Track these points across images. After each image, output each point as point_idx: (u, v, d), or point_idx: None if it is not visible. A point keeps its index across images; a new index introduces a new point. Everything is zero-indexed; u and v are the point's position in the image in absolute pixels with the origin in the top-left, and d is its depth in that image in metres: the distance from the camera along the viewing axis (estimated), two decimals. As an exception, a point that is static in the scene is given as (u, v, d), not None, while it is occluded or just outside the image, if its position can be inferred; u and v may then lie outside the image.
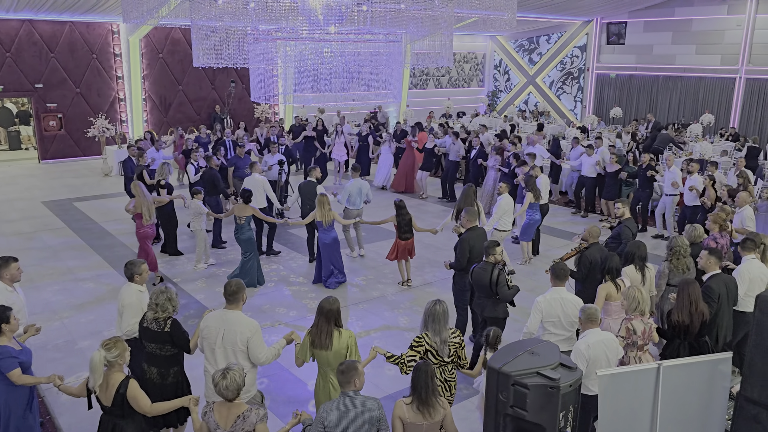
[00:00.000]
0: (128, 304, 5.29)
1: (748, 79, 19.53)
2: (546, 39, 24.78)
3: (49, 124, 17.85)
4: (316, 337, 4.62)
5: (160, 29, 18.77)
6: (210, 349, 4.64)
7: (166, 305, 4.73)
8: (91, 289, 8.90)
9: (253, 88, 8.85)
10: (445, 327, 4.73)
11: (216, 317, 4.69)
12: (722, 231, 7.57)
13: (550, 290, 5.53)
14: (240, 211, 8.85)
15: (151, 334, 4.76)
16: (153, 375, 4.80)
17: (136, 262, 5.50)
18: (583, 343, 4.70)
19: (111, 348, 4.09)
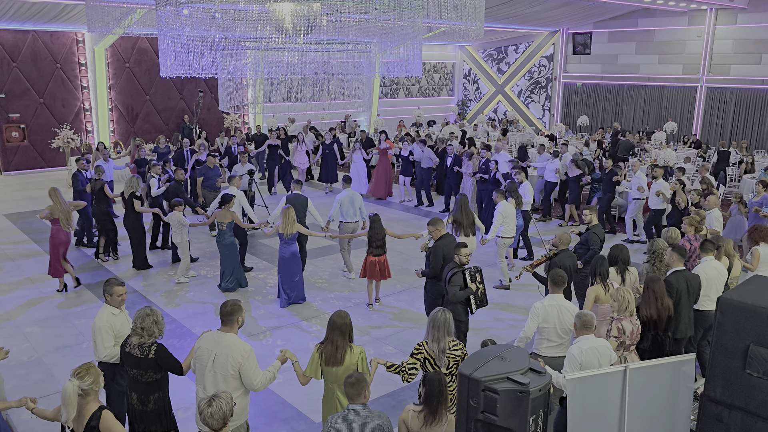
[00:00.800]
0: (98, 329, 4.95)
1: (708, 88, 20.11)
2: (514, 49, 25.17)
3: (11, 134, 17.42)
4: (330, 354, 4.46)
5: (127, 38, 18.52)
6: (201, 372, 4.42)
7: (152, 329, 4.45)
8: (55, 302, 8.68)
9: (221, 98, 8.77)
10: (444, 336, 4.63)
11: (209, 339, 4.45)
12: (697, 233, 7.90)
13: (548, 297, 5.60)
14: (221, 218, 8.82)
15: (133, 360, 4.49)
16: (134, 401, 4.59)
17: (111, 281, 5.13)
18: (576, 348, 4.75)
19: (84, 376, 3.78)
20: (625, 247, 6.66)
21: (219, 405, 3.54)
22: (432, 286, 7.08)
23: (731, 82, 19.55)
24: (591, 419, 4.05)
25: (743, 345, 3.89)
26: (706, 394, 4.12)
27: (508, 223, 9.42)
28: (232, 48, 8.11)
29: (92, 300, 8.81)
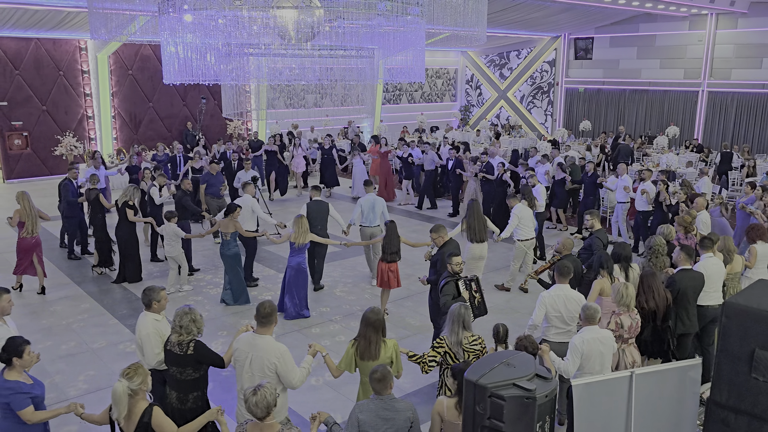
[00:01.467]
0: (146, 335, 4.98)
1: (710, 93, 20.12)
2: (516, 54, 25.22)
3: (14, 142, 17.47)
4: (364, 349, 4.64)
5: (130, 46, 18.60)
6: (239, 372, 4.56)
7: (190, 327, 4.54)
8: (59, 311, 8.68)
9: (224, 105, 8.80)
10: (460, 330, 4.81)
11: (245, 341, 4.54)
12: (688, 233, 8.10)
13: (555, 287, 5.85)
14: (225, 227, 8.58)
15: (173, 357, 4.59)
16: (172, 399, 4.63)
17: (154, 288, 5.12)
18: (578, 338, 4.98)
19: (132, 376, 3.90)
20: (627, 245, 6.82)
21: (264, 394, 3.66)
22: (438, 293, 7.02)
23: (732, 87, 19.56)
24: (597, 425, 4.04)
25: (749, 349, 3.88)
26: (712, 398, 4.11)
27: (525, 224, 9.40)
28: (235, 55, 8.14)
29: (95, 308, 8.81)
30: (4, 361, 4.23)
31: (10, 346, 4.23)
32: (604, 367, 5.02)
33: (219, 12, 7.20)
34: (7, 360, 4.21)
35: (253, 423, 3.76)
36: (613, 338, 5.15)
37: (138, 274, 9.77)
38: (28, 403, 4.17)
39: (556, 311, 5.70)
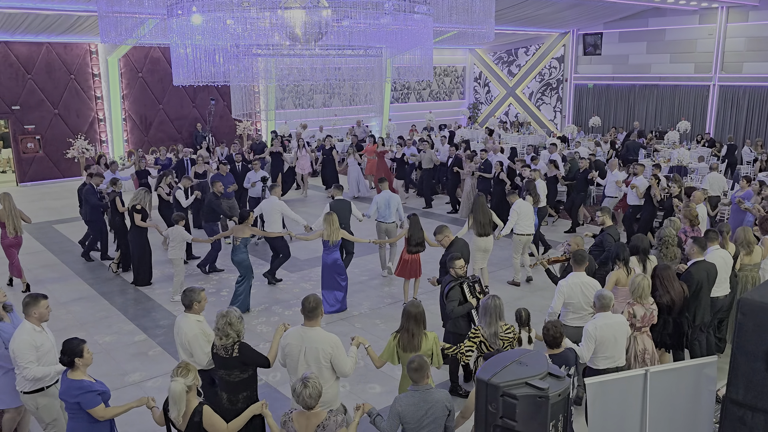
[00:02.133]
0: (193, 337, 4.99)
1: (721, 87, 19.93)
2: (524, 51, 25.11)
3: (27, 146, 17.63)
4: (406, 341, 4.80)
5: (139, 48, 18.70)
6: (293, 366, 4.66)
7: (226, 330, 4.53)
8: (74, 312, 8.75)
9: (234, 105, 8.82)
10: (496, 321, 5.06)
11: (295, 335, 4.66)
12: (693, 226, 8.32)
13: (571, 275, 6.10)
14: (239, 232, 8.44)
15: (219, 360, 4.63)
16: (223, 400, 4.65)
17: (195, 289, 5.13)
18: (591, 324, 5.20)
19: (186, 373, 3.98)
20: (645, 237, 6.98)
21: (314, 384, 3.83)
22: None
23: (744, 80, 19.36)
24: (612, 423, 4.01)
25: (765, 346, 3.83)
26: (729, 396, 4.07)
27: (524, 220, 9.48)
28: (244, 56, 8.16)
29: (109, 309, 8.87)
30: (66, 364, 4.27)
31: (70, 347, 4.26)
32: (618, 352, 5.26)
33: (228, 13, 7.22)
34: (69, 362, 4.26)
35: (299, 412, 3.87)
36: (627, 323, 5.36)
37: (147, 278, 9.74)
38: (99, 401, 4.23)
39: (574, 299, 5.95)
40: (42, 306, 4.87)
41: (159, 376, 6.91)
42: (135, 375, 6.96)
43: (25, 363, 4.66)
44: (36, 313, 4.83)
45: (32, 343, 4.70)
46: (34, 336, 4.76)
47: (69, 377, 4.27)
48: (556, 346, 4.83)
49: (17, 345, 4.68)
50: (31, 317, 4.84)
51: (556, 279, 6.84)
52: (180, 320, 5.11)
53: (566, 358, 4.83)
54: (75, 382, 4.23)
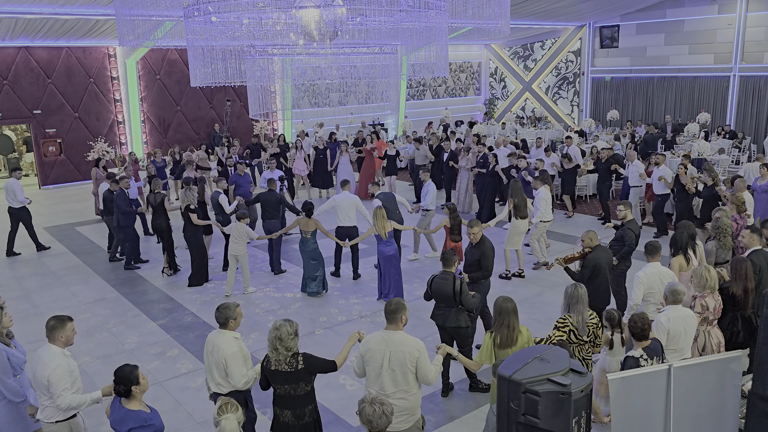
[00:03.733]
0: (231, 355, 4.67)
1: (741, 77, 19.61)
2: (540, 45, 24.92)
3: (48, 149, 17.91)
4: (506, 336, 4.79)
5: (157, 51, 18.90)
6: (375, 373, 4.44)
7: (275, 343, 4.32)
8: (96, 313, 8.88)
9: (251, 105, 8.87)
10: (585, 308, 5.13)
11: (378, 340, 4.47)
12: (740, 213, 8.38)
13: (648, 266, 6.13)
14: (304, 226, 8.83)
15: (283, 376, 4.35)
16: (287, 418, 4.42)
17: (229, 305, 4.83)
18: (663, 316, 5.23)
19: (236, 409, 3.75)
20: (691, 224, 7.05)
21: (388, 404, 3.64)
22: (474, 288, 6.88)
23: (765, 70, 19.02)
24: (636, 419, 3.97)
25: (792, 341, 3.77)
26: (755, 391, 4.01)
27: (546, 207, 10.02)
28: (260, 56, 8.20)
29: (132, 310, 8.99)
30: (123, 393, 4.00)
31: (124, 375, 3.99)
32: (687, 344, 5.29)
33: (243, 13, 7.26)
34: (126, 391, 3.99)
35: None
36: (695, 317, 5.39)
37: (205, 277, 9.80)
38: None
39: (654, 288, 5.99)
40: (69, 329, 4.56)
41: (178, 377, 6.99)
42: (156, 375, 7.04)
43: (60, 391, 4.36)
44: (63, 337, 4.51)
45: (68, 368, 4.44)
46: (67, 361, 4.48)
47: (126, 406, 3.99)
48: (644, 338, 4.79)
49: (53, 371, 4.35)
50: (57, 341, 4.50)
51: (575, 275, 6.80)
52: (215, 338, 4.81)
53: (656, 348, 4.82)
54: (133, 413, 3.96)
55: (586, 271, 6.72)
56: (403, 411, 4.38)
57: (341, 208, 9.66)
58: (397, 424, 4.30)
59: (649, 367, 4.12)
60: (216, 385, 4.82)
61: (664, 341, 5.10)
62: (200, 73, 7.98)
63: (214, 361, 4.76)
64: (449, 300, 6.07)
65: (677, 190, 11.08)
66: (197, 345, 7.74)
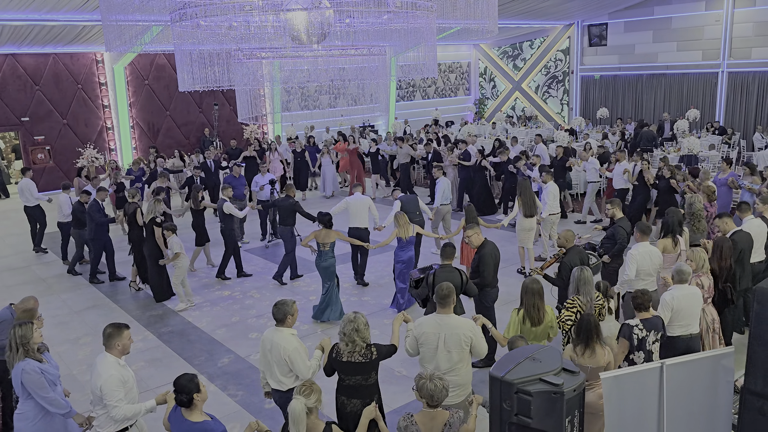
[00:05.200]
0: (294, 350, 4.69)
1: (730, 73, 19.72)
2: (529, 44, 24.98)
3: (37, 156, 17.78)
4: (533, 315, 5.18)
5: (145, 56, 18.80)
6: (430, 354, 4.76)
7: (352, 336, 4.45)
8: (86, 321, 8.81)
9: (240, 109, 8.83)
10: (592, 289, 5.48)
11: (431, 323, 4.80)
12: (711, 201, 9.14)
13: (638, 245, 6.66)
14: (324, 237, 8.17)
15: (356, 367, 4.49)
16: (356, 407, 4.51)
17: (287, 301, 4.86)
18: (669, 294, 5.63)
19: (309, 394, 3.83)
20: (678, 211, 7.47)
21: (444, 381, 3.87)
22: (484, 295, 6.83)
23: (753, 66, 19.15)
24: (629, 417, 3.97)
25: (783, 335, 3.78)
26: (747, 387, 4.02)
27: (554, 200, 10.52)
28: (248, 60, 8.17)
29: (123, 317, 8.92)
30: (185, 403, 3.88)
31: (184, 383, 3.88)
32: (693, 320, 5.70)
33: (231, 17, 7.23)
34: (188, 401, 3.87)
35: (423, 412, 3.84)
36: (700, 294, 5.79)
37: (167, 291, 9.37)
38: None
39: (644, 266, 6.53)
40: (125, 337, 4.46)
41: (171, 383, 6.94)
42: (150, 381, 6.99)
43: (114, 401, 4.25)
44: (119, 345, 4.42)
45: (121, 378, 4.34)
46: (121, 371, 4.38)
47: (187, 417, 3.87)
48: (645, 309, 5.20)
49: (106, 381, 4.27)
50: (113, 349, 4.42)
51: (555, 281, 6.80)
52: (272, 335, 4.80)
53: (655, 323, 5.20)
54: (196, 425, 3.85)
55: (563, 274, 6.68)
56: (456, 386, 4.72)
57: (354, 210, 9.52)
58: (451, 398, 4.60)
59: (641, 365, 4.13)
60: (277, 382, 4.86)
61: (667, 319, 5.52)
62: (188, 77, 7.94)
63: (274, 360, 4.78)
64: (457, 291, 6.16)
65: (639, 184, 11.57)
66: (190, 350, 7.69)
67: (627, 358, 5.16)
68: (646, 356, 5.12)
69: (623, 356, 5.14)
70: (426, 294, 6.44)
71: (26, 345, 4.54)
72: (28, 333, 4.56)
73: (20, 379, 4.51)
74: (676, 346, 5.62)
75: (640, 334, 5.08)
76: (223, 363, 7.37)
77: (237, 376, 7.04)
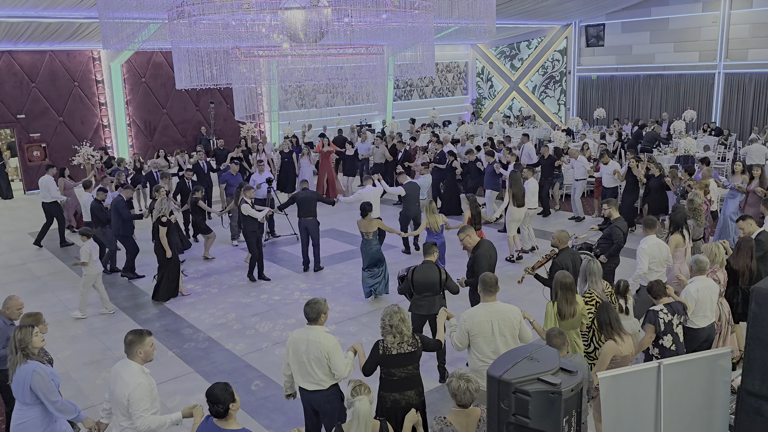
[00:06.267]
0: (333, 348, 4.62)
1: (726, 74, 19.78)
2: (526, 44, 25.00)
3: (33, 154, 17.71)
4: (565, 308, 5.33)
5: (142, 53, 18.74)
6: (485, 341, 4.93)
7: (400, 327, 4.57)
8: (86, 320, 8.77)
9: (237, 108, 8.81)
10: (600, 279, 5.74)
11: (483, 312, 4.99)
12: (706, 194, 9.39)
13: (645, 239, 6.89)
14: (366, 227, 8.83)
15: (405, 358, 4.59)
16: (411, 398, 4.65)
17: (319, 300, 4.81)
18: (692, 286, 5.84)
19: (369, 392, 3.89)
20: (683, 208, 7.82)
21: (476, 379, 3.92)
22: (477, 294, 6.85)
23: (749, 67, 19.21)
24: (625, 418, 3.97)
25: (780, 336, 3.78)
26: (744, 387, 4.02)
27: (533, 197, 10.92)
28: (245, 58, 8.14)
29: (120, 315, 8.89)
30: (220, 414, 3.77)
31: (219, 393, 3.76)
32: (711, 311, 5.87)
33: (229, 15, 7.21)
34: (225, 411, 3.76)
35: (456, 411, 3.85)
36: (718, 286, 5.99)
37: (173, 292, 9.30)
38: None
39: (655, 258, 6.79)
40: (147, 343, 4.27)
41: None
42: (146, 380, 6.96)
43: (140, 412, 4.09)
44: (141, 352, 4.24)
45: (148, 388, 4.18)
46: (146, 381, 4.19)
47: (222, 427, 3.76)
48: (664, 295, 5.47)
49: (135, 390, 4.09)
50: (136, 357, 4.23)
51: (545, 281, 6.72)
52: (306, 335, 4.70)
53: (677, 307, 5.45)
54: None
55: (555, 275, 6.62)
56: None
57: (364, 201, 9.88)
58: None
59: (638, 365, 4.13)
60: (315, 382, 4.74)
61: (691, 310, 5.72)
62: (185, 75, 7.91)
63: (313, 358, 4.66)
64: (434, 287, 6.36)
65: (628, 182, 11.73)
66: (187, 350, 7.67)
67: (656, 343, 5.38)
68: (674, 338, 5.36)
69: (650, 341, 5.37)
70: (408, 289, 6.53)
71: (25, 349, 4.47)
72: (27, 337, 4.49)
73: (29, 382, 4.36)
74: (698, 336, 5.85)
75: (666, 318, 5.33)
76: (219, 362, 7.35)
77: (233, 374, 7.02)
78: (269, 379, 6.88)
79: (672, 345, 5.33)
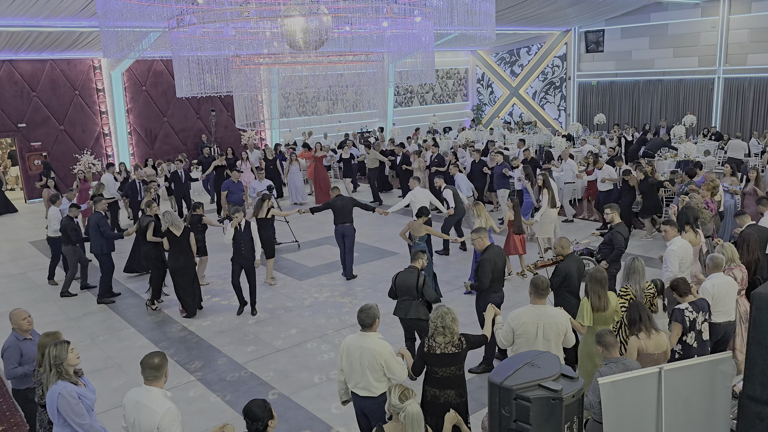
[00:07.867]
0: (389, 354, 4.66)
1: (726, 79, 19.81)
2: (526, 51, 25.06)
3: (34, 162, 17.74)
4: (595, 303, 5.50)
5: (142, 62, 18.82)
6: (529, 342, 5.02)
7: (452, 327, 4.69)
8: (83, 327, 8.77)
9: (237, 115, 8.83)
10: (643, 278, 5.86)
11: (530, 314, 5.09)
12: (713, 196, 9.55)
13: (675, 240, 6.94)
14: (416, 230, 8.93)
15: (449, 358, 4.68)
16: (450, 397, 4.73)
17: (372, 305, 4.79)
18: (709, 283, 5.95)
19: (414, 394, 3.97)
20: (694, 207, 7.96)
21: None
22: (483, 298, 6.76)
23: (748, 72, 19.24)
24: (627, 423, 3.96)
25: (781, 341, 3.77)
26: (745, 392, 4.00)
27: None
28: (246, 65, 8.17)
29: (119, 323, 8.89)
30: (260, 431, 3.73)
31: (257, 410, 3.71)
32: (730, 307, 5.97)
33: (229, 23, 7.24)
34: (263, 428, 3.73)
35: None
36: (736, 283, 6.09)
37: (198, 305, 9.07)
38: None
39: (685, 259, 6.84)
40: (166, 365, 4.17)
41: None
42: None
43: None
44: (166, 376, 4.16)
45: (176, 412, 4.00)
46: (173, 404, 4.04)
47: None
48: (689, 293, 5.56)
49: (164, 417, 3.90)
50: (159, 381, 4.10)
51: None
52: (360, 342, 4.71)
53: (702, 305, 5.55)
54: None
55: (556, 279, 6.52)
56: None
57: (417, 203, 10.13)
58: None
59: (639, 370, 4.12)
60: (367, 389, 4.75)
61: (711, 302, 5.75)
62: (186, 83, 7.94)
63: (367, 365, 4.67)
64: (412, 292, 6.44)
65: (623, 186, 11.83)
66: (188, 358, 7.66)
67: (680, 341, 5.46)
68: (697, 336, 5.45)
69: (677, 339, 5.44)
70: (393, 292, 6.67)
71: (60, 366, 4.28)
72: (63, 353, 4.30)
73: (56, 405, 4.24)
74: (716, 331, 5.93)
75: (691, 316, 5.41)
76: (221, 370, 7.34)
77: (236, 383, 7.01)
78: (271, 386, 6.86)
79: (694, 342, 5.42)
